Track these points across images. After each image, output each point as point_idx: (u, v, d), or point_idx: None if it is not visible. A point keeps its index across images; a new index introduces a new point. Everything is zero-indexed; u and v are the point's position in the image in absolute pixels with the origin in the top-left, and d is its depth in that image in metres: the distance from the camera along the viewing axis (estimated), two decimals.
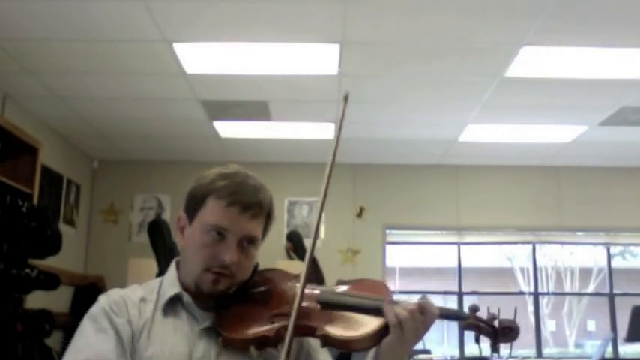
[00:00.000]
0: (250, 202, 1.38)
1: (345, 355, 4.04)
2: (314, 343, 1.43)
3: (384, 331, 1.30)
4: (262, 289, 1.43)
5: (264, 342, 1.33)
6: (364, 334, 1.30)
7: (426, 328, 1.30)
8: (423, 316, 1.29)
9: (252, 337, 1.33)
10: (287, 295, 1.39)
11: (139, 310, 1.37)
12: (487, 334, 1.34)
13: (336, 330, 1.31)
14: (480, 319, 1.34)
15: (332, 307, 1.36)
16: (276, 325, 1.33)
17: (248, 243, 1.39)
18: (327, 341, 1.31)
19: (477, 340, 1.35)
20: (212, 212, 1.38)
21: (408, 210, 6.89)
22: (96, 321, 1.34)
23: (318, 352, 1.45)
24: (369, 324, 1.31)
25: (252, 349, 1.32)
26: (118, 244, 6.67)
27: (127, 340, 1.32)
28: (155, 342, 1.33)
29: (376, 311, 1.32)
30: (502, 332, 1.34)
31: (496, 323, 1.35)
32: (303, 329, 1.31)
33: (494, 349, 1.35)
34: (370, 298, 1.36)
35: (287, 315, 1.32)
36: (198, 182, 1.43)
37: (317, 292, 1.38)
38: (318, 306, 1.36)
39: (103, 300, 1.38)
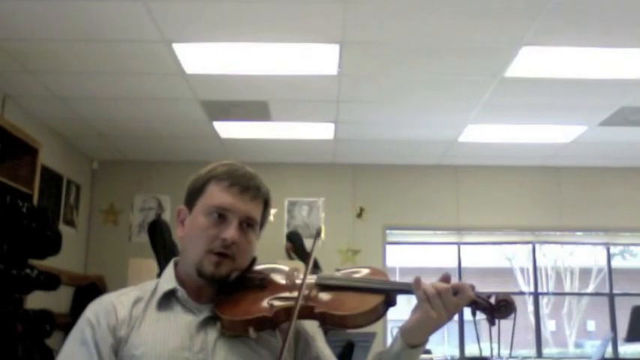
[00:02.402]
0: (249, 184, 1.44)
1: (346, 352, 4.05)
2: (311, 330, 1.48)
3: (381, 308, 1.37)
4: (261, 277, 1.47)
5: (263, 323, 1.37)
6: (361, 310, 1.35)
7: (452, 308, 1.33)
8: (454, 296, 1.33)
9: (252, 318, 1.36)
10: (285, 281, 1.45)
11: (131, 312, 1.39)
12: (484, 310, 1.38)
13: (333, 307, 1.36)
14: (477, 295, 1.38)
15: (329, 288, 1.41)
16: (275, 307, 1.37)
17: (247, 226, 1.43)
18: (325, 319, 1.36)
19: (474, 315, 1.39)
20: (213, 195, 1.43)
21: (408, 210, 6.89)
22: (81, 331, 1.38)
23: (316, 340, 1.49)
24: (366, 301, 1.36)
25: (252, 332, 1.35)
26: (118, 245, 6.67)
27: (109, 351, 1.35)
28: (146, 339, 1.35)
29: (371, 290, 1.39)
30: (498, 307, 1.37)
31: (492, 299, 1.39)
32: (302, 310, 1.35)
33: (492, 323, 1.39)
34: (367, 279, 1.43)
35: (286, 298, 1.38)
36: (196, 175, 1.48)
37: (314, 278, 1.44)
38: (316, 288, 1.41)
39: (90, 310, 1.41)
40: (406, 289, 1.37)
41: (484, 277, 11.54)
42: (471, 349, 7.11)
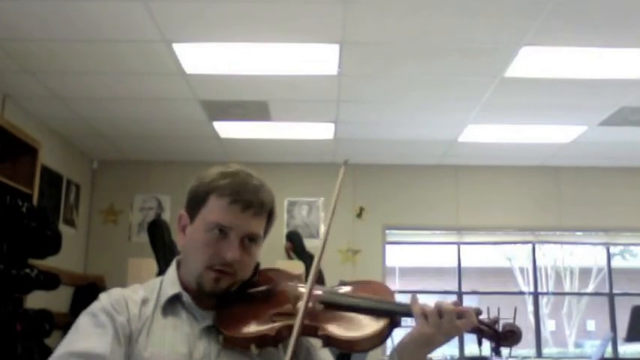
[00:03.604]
0: (252, 201, 1.38)
1: (345, 355, 4.04)
2: (314, 340, 1.44)
3: (386, 332, 1.31)
4: (263, 288, 1.43)
5: (265, 341, 1.33)
6: (366, 335, 1.30)
7: (453, 330, 1.30)
8: (457, 319, 1.30)
9: (254, 336, 1.32)
10: (289, 294, 1.40)
11: (140, 310, 1.37)
12: (489, 338, 1.34)
13: (338, 330, 1.31)
14: (482, 323, 1.33)
15: (334, 307, 1.36)
16: (277, 324, 1.33)
17: (250, 241, 1.39)
18: (329, 342, 1.31)
19: (480, 343, 1.34)
20: (214, 210, 1.38)
21: (408, 210, 6.89)
22: (95, 316, 1.33)
23: (317, 350, 1.45)
24: (371, 325, 1.32)
25: (253, 348, 1.32)
26: (118, 244, 6.67)
27: (125, 338, 1.32)
28: (154, 343, 1.33)
29: (379, 312, 1.33)
30: (504, 336, 1.33)
31: (498, 327, 1.34)
32: (305, 329, 1.31)
33: (497, 352, 1.34)
34: (373, 300, 1.36)
35: (288, 314, 1.33)
36: (199, 180, 1.43)
37: (319, 292, 1.38)
38: (321, 306, 1.36)
39: (104, 298, 1.38)
40: (411, 313, 1.33)
41: (484, 277, 11.54)
42: (471, 349, 7.11)
